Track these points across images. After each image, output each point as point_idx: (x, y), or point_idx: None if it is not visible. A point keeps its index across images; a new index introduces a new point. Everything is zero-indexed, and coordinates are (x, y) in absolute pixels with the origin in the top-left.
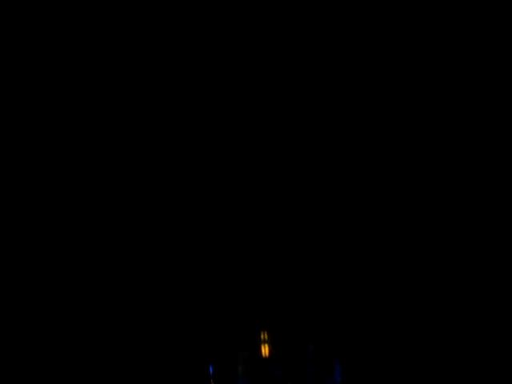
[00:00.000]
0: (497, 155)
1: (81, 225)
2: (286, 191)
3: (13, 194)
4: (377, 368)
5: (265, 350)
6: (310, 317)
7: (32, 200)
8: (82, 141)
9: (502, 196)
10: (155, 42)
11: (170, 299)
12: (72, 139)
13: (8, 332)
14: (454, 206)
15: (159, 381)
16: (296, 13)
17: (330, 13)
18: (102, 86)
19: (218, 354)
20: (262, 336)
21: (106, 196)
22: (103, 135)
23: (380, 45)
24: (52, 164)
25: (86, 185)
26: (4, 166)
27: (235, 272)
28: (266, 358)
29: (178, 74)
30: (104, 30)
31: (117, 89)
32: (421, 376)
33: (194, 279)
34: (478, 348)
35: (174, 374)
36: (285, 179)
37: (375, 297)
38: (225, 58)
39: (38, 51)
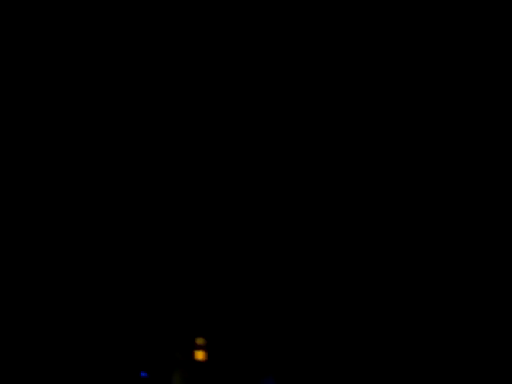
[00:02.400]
0: (497, 155)
1: (69, 217)
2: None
3: (13, 193)
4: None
5: (200, 355)
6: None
7: (32, 200)
8: (82, 141)
9: (502, 196)
10: (155, 42)
11: (111, 304)
12: (72, 139)
13: (8, 332)
14: (453, 206)
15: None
16: (296, 13)
17: (330, 13)
18: (101, 86)
19: (152, 359)
20: (197, 341)
21: (97, 191)
22: (102, 135)
23: (380, 45)
24: (52, 164)
25: (83, 183)
26: (4, 166)
27: (175, 279)
28: (201, 363)
29: (178, 73)
30: (104, 30)
31: (116, 89)
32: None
33: (133, 285)
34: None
35: (107, 379)
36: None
37: (309, 305)
38: (225, 57)
39: (38, 51)
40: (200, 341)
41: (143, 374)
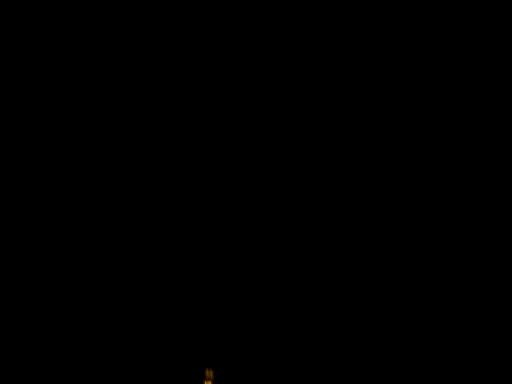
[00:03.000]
0: (497, 155)
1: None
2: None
3: (12, 193)
4: None
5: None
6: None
7: (31, 200)
8: (81, 140)
9: (502, 196)
10: (155, 42)
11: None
12: (71, 139)
13: (8, 332)
14: (453, 206)
15: None
16: (296, 13)
17: (331, 13)
18: (101, 85)
19: None
20: (207, 374)
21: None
22: (102, 135)
23: (380, 45)
24: (51, 163)
25: (78, 179)
26: (4, 166)
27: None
28: None
29: (178, 73)
30: (104, 31)
31: (116, 89)
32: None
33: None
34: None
35: None
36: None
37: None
38: (224, 58)
39: (37, 51)
40: (209, 373)
41: None
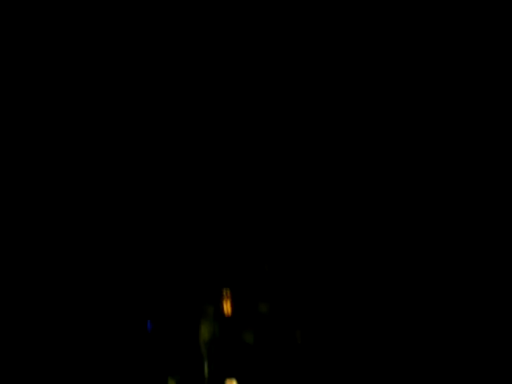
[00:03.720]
0: (497, 155)
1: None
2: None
3: (13, 193)
4: (334, 333)
5: (227, 308)
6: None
7: (31, 199)
8: (81, 140)
9: (502, 196)
10: (155, 42)
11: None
12: (71, 139)
13: (7, 332)
14: (453, 206)
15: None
16: (296, 13)
17: (330, 13)
18: (101, 85)
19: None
20: (224, 293)
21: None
22: (101, 134)
23: (380, 45)
24: (51, 163)
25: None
26: (4, 165)
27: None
28: (228, 317)
29: (178, 73)
30: (104, 30)
31: (116, 89)
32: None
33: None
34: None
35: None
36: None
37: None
38: (225, 58)
39: (38, 51)
40: (227, 292)
41: (149, 326)
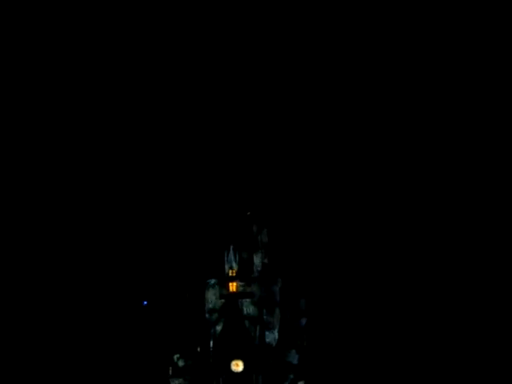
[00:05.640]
0: (497, 155)
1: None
2: None
3: (12, 193)
4: (342, 310)
5: (232, 286)
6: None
7: (31, 199)
8: (81, 140)
9: (502, 196)
10: (155, 42)
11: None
12: (71, 139)
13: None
14: (453, 206)
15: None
16: (296, 13)
17: (331, 13)
18: (101, 85)
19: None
20: (230, 272)
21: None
22: (100, 134)
23: (379, 45)
24: (51, 163)
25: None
26: (4, 165)
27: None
28: (234, 294)
29: (178, 73)
30: (104, 30)
31: (116, 89)
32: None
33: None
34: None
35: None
36: None
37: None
38: (224, 58)
39: (38, 51)
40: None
41: (145, 303)
